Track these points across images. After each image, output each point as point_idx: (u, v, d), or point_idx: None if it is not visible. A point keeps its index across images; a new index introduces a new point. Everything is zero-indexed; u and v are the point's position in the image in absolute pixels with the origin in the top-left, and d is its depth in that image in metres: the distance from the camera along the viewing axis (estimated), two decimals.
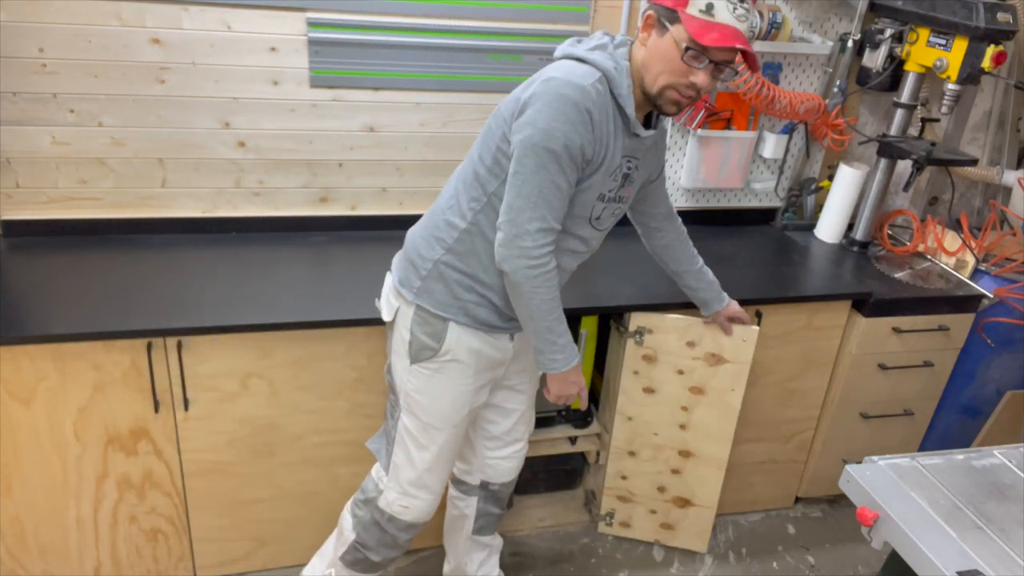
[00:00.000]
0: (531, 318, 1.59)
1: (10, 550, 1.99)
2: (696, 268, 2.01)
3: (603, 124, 1.49)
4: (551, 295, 1.56)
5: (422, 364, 1.69)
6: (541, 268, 1.52)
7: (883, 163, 2.55)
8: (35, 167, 2.12)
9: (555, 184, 1.48)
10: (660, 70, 1.48)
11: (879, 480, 1.53)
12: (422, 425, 1.75)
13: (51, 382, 1.81)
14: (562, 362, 1.64)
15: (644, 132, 1.58)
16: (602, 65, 1.48)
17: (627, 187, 1.67)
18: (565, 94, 1.43)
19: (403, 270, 1.71)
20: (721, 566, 2.46)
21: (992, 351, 2.49)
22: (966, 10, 2.15)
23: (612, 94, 1.50)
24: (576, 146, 1.46)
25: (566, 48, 1.54)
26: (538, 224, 1.50)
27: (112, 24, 2.00)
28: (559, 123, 1.43)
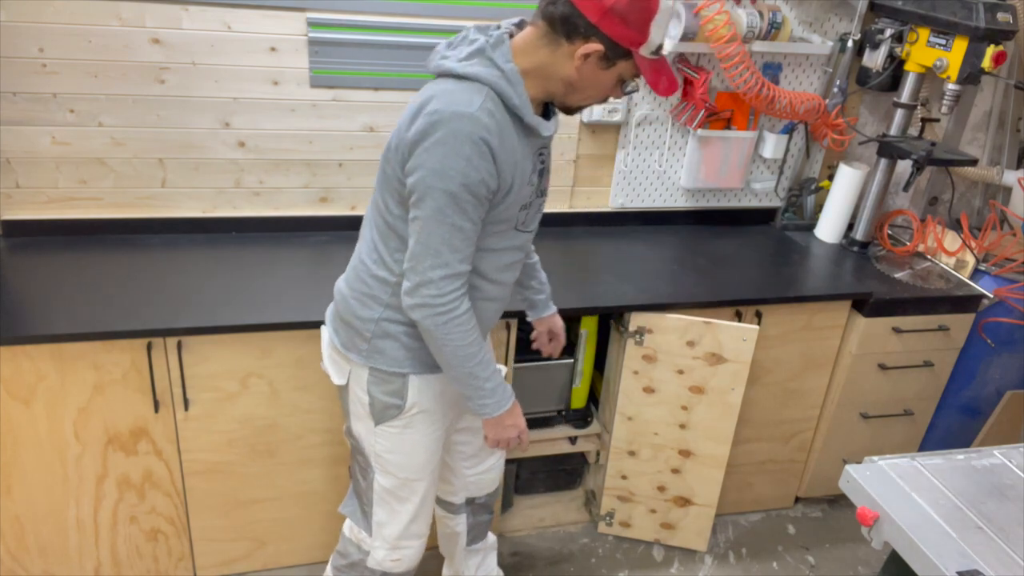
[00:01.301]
0: (449, 365, 1.49)
1: (10, 550, 1.99)
2: (538, 266, 1.91)
3: (504, 145, 1.37)
4: (467, 339, 1.45)
5: (388, 424, 1.61)
6: (450, 315, 1.42)
7: (883, 163, 2.55)
8: (35, 167, 2.12)
9: (456, 227, 1.37)
10: (590, 95, 1.43)
11: (879, 480, 1.53)
12: (400, 482, 1.68)
13: (51, 382, 1.81)
14: (493, 407, 1.55)
15: (548, 129, 1.46)
16: (487, 79, 1.35)
17: (546, 176, 1.59)
18: (454, 128, 1.30)
19: (345, 334, 1.60)
20: (721, 566, 2.46)
21: (992, 351, 2.49)
22: (966, 10, 2.15)
23: (506, 106, 1.37)
24: (476, 182, 1.34)
25: (440, 62, 1.40)
26: (441, 272, 1.39)
27: (112, 24, 2.00)
28: (452, 161, 1.31)
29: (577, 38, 1.34)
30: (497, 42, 1.38)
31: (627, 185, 2.58)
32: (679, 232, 2.64)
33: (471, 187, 1.34)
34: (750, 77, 2.29)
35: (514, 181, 1.42)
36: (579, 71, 1.38)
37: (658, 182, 2.60)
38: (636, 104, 2.45)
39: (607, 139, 2.50)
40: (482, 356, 1.50)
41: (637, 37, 1.34)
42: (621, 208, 2.61)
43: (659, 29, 1.34)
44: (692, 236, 2.62)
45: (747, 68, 2.27)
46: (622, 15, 1.31)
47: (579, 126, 2.44)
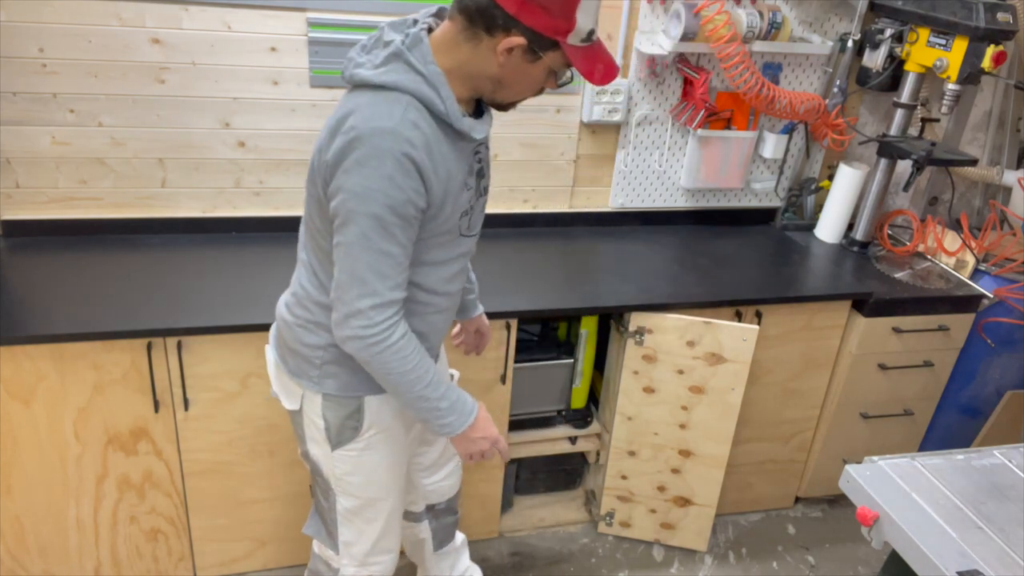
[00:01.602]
0: (397, 393, 1.41)
1: (10, 550, 1.99)
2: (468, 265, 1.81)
3: (432, 158, 1.26)
4: (407, 365, 1.36)
5: (346, 447, 1.54)
6: (383, 344, 1.32)
7: (883, 163, 2.55)
8: (35, 167, 2.12)
9: (383, 252, 1.26)
10: (520, 90, 1.33)
11: (879, 480, 1.53)
12: (364, 502, 1.61)
13: (51, 382, 1.81)
14: (455, 424, 1.46)
15: (481, 131, 1.35)
16: (407, 87, 1.24)
17: (486, 175, 1.50)
18: (375, 145, 1.20)
19: (294, 362, 1.52)
20: (721, 566, 2.46)
21: (992, 351, 2.49)
22: (966, 10, 2.15)
23: (431, 113, 1.27)
24: (401, 203, 1.23)
25: (353, 72, 1.28)
26: (370, 301, 1.29)
27: (112, 24, 2.00)
28: (374, 182, 1.21)
29: (497, 31, 1.23)
30: (414, 42, 1.27)
31: (627, 185, 2.58)
32: (679, 232, 2.64)
33: (396, 209, 1.23)
34: (750, 77, 2.29)
35: (447, 195, 1.33)
36: (504, 67, 1.27)
37: (658, 182, 2.60)
38: (636, 104, 2.45)
39: (607, 139, 2.50)
40: (430, 378, 1.40)
41: (562, 25, 1.22)
42: (621, 208, 2.61)
43: (587, 14, 1.22)
44: (692, 236, 2.62)
45: (747, 68, 2.27)
46: (542, 3, 1.19)
47: (579, 126, 2.45)
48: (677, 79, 2.44)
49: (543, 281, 2.21)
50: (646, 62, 2.37)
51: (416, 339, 1.39)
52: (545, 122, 2.41)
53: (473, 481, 2.31)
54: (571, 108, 2.41)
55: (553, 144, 2.45)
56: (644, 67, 2.38)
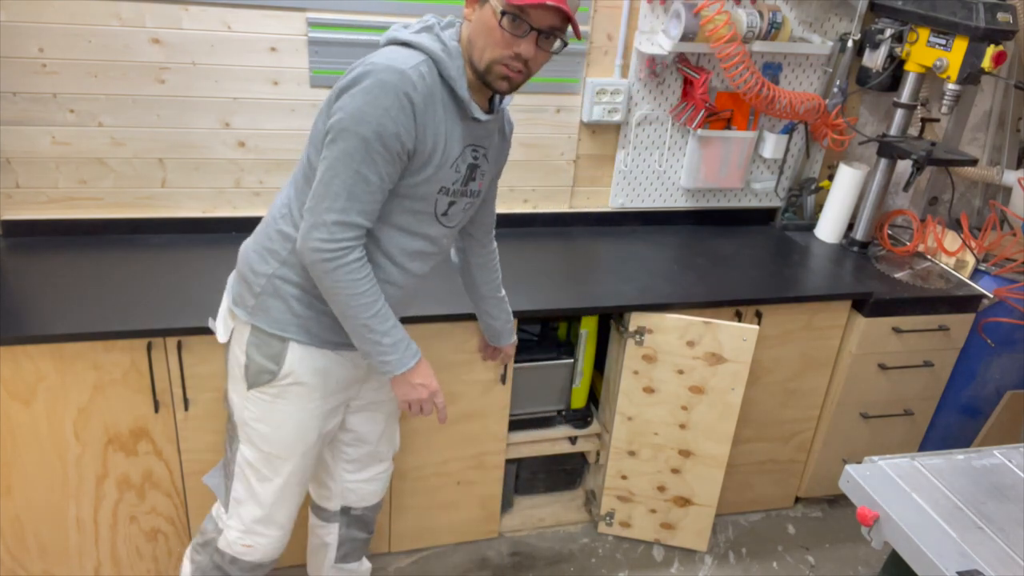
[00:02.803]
0: (344, 316, 1.45)
1: (10, 550, 1.99)
2: (501, 296, 1.89)
3: (430, 110, 1.37)
4: (359, 289, 1.41)
5: (260, 389, 1.55)
6: (337, 261, 1.38)
7: (883, 163, 2.55)
8: (35, 167, 2.12)
9: (361, 176, 1.35)
10: (484, 44, 1.37)
11: (879, 480, 1.53)
12: (264, 456, 1.61)
13: (51, 382, 1.81)
14: (396, 364, 1.49)
15: (483, 115, 1.45)
16: (428, 47, 1.37)
17: (477, 180, 1.55)
18: (382, 79, 1.31)
19: (237, 289, 1.57)
20: (721, 566, 2.46)
21: (992, 351, 2.49)
22: (966, 10, 2.15)
23: (441, 77, 1.39)
24: (390, 134, 1.33)
25: (391, 33, 1.43)
26: (336, 216, 1.36)
27: (112, 24, 2.00)
28: (371, 108, 1.31)
29: None
30: (448, 25, 1.44)
31: (627, 185, 2.58)
32: (679, 232, 2.64)
33: (384, 138, 1.33)
34: (750, 77, 2.29)
35: (435, 151, 1.41)
36: (472, 25, 1.39)
37: (658, 182, 2.60)
38: (636, 104, 2.45)
39: (607, 139, 2.50)
40: (378, 309, 1.44)
41: None
42: (621, 208, 2.61)
43: None
44: (692, 236, 2.62)
45: (747, 68, 2.27)
46: None
47: (579, 126, 2.45)
48: (677, 79, 2.44)
49: (543, 281, 2.21)
50: (646, 62, 2.37)
51: (371, 270, 1.43)
52: (545, 122, 2.41)
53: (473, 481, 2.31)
54: (571, 108, 2.41)
55: (553, 144, 2.45)
56: (644, 67, 2.38)
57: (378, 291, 1.45)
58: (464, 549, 2.42)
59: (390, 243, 1.49)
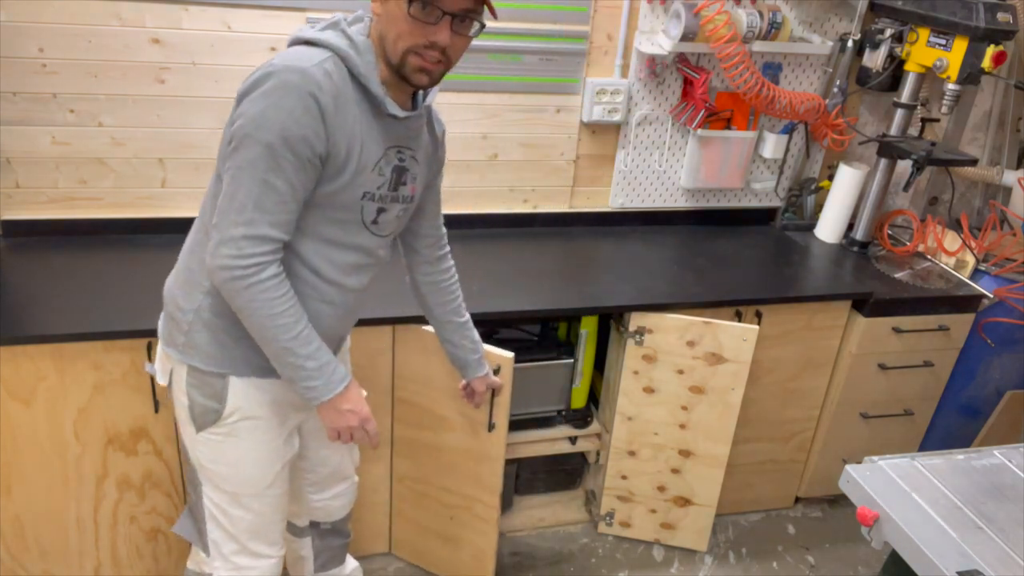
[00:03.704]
0: (261, 339, 1.34)
1: (10, 550, 1.99)
2: (462, 321, 1.75)
3: (341, 110, 1.28)
4: (276, 309, 1.30)
5: (209, 430, 1.46)
6: (249, 279, 1.27)
7: (883, 163, 2.55)
8: (35, 167, 2.12)
9: (268, 184, 1.24)
10: (396, 35, 1.27)
11: (879, 480, 1.53)
12: (229, 496, 1.52)
13: (51, 382, 1.81)
14: (321, 389, 1.38)
15: (401, 111, 1.36)
16: (333, 43, 1.29)
17: (408, 184, 1.45)
18: (283, 79, 1.22)
19: (166, 327, 1.47)
20: (721, 566, 2.46)
21: (992, 351, 2.49)
22: (966, 10, 2.15)
23: (351, 74, 1.30)
24: (297, 137, 1.23)
25: (295, 32, 1.34)
26: (244, 230, 1.25)
27: (112, 24, 2.00)
28: (274, 111, 1.22)
29: None
30: (356, 19, 1.36)
31: (627, 185, 2.58)
32: (679, 232, 2.64)
33: (291, 142, 1.23)
34: (750, 77, 2.29)
35: (351, 155, 1.32)
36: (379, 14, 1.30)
37: (658, 182, 2.60)
38: (636, 104, 2.45)
39: (607, 139, 2.50)
40: (300, 331, 1.33)
41: None
42: (621, 208, 2.61)
43: None
44: (692, 236, 2.62)
45: (747, 68, 2.27)
46: None
47: (579, 126, 2.45)
48: (677, 79, 2.44)
49: (543, 281, 2.21)
50: (646, 62, 2.37)
51: (291, 288, 1.33)
52: (545, 122, 2.41)
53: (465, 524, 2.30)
54: (571, 108, 2.41)
55: (553, 144, 2.45)
56: (644, 67, 2.38)
57: (299, 311, 1.34)
58: None
59: (317, 258, 1.39)
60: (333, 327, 1.48)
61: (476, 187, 2.45)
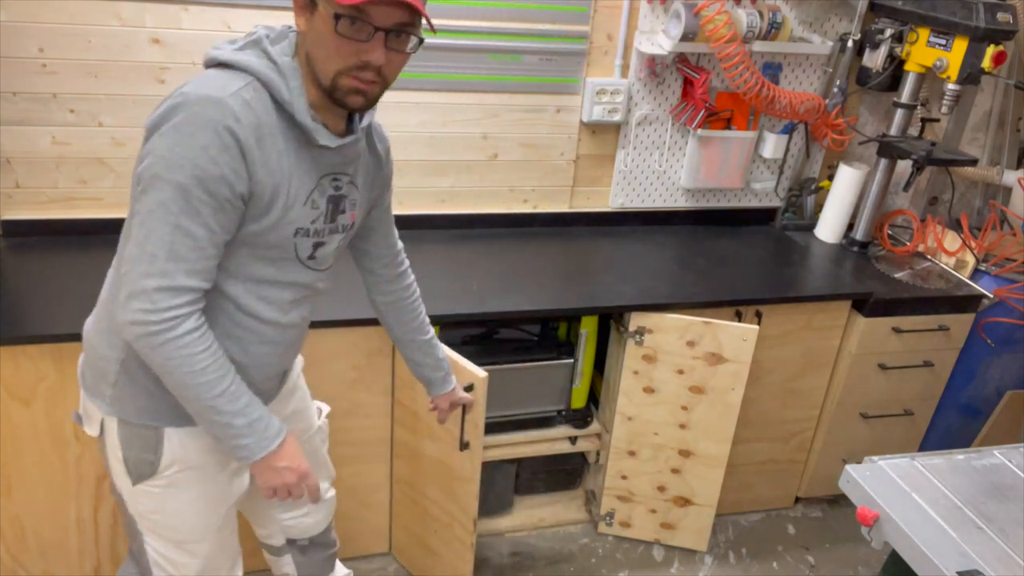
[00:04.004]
0: (182, 397, 1.22)
1: (10, 550, 1.99)
2: (425, 339, 1.66)
3: (263, 144, 1.16)
4: (197, 366, 1.18)
5: (147, 483, 1.36)
6: (165, 335, 1.15)
7: (883, 163, 2.55)
8: (35, 167, 2.11)
9: (182, 230, 1.12)
10: (325, 56, 1.15)
11: (879, 480, 1.53)
12: (173, 544, 1.44)
13: (51, 382, 1.81)
14: (254, 447, 1.26)
15: (334, 141, 1.24)
16: (253, 67, 1.16)
17: (347, 212, 1.34)
18: (195, 112, 1.10)
19: (91, 377, 1.37)
20: (721, 566, 2.46)
21: (992, 351, 2.49)
22: (966, 10, 2.15)
23: (275, 101, 1.18)
24: (213, 177, 1.11)
25: (211, 51, 1.21)
26: (157, 282, 1.13)
27: (112, 24, 2.00)
28: (186, 148, 1.09)
29: None
30: (279, 37, 1.23)
31: (627, 185, 2.58)
32: (679, 232, 2.64)
33: (207, 183, 1.11)
34: (750, 77, 2.29)
35: (278, 192, 1.20)
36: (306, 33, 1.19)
37: (658, 182, 2.60)
38: (636, 104, 2.45)
39: (607, 139, 2.50)
40: (226, 387, 1.22)
41: None
42: (621, 208, 2.61)
43: None
44: (692, 236, 2.62)
45: (747, 68, 2.27)
46: None
47: (579, 126, 2.44)
48: (677, 79, 2.44)
49: (543, 281, 2.21)
50: (646, 62, 2.37)
51: (214, 341, 1.21)
52: (545, 122, 2.41)
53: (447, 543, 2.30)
54: (571, 108, 2.41)
55: (553, 144, 2.45)
56: (644, 67, 2.38)
57: (225, 365, 1.22)
58: None
59: (251, 299, 1.28)
60: (275, 365, 1.40)
61: (476, 187, 2.45)
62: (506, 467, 2.43)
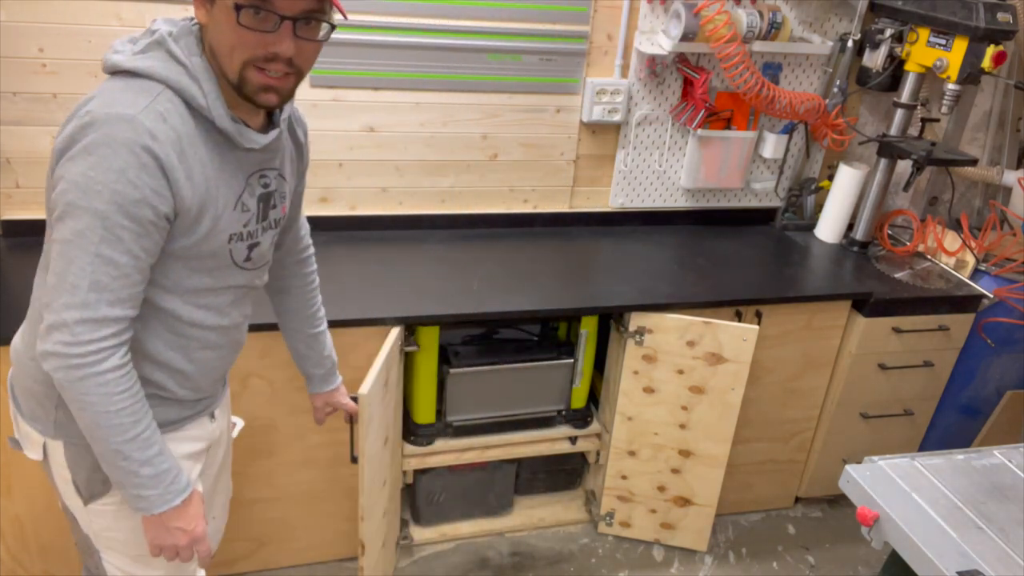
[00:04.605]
0: (91, 436, 1.15)
1: (10, 550, 1.99)
2: (313, 332, 1.60)
3: (184, 157, 1.10)
4: (113, 406, 1.12)
5: (100, 501, 1.30)
6: (86, 369, 1.09)
7: (883, 163, 2.55)
8: (35, 167, 2.11)
9: (104, 259, 1.06)
10: (229, 49, 1.08)
11: (879, 480, 1.53)
12: (132, 558, 1.38)
13: None
14: (155, 501, 1.19)
15: (262, 139, 1.19)
16: (161, 75, 1.08)
17: (278, 206, 1.30)
18: (107, 133, 1.03)
19: (26, 402, 1.30)
20: (721, 566, 2.46)
21: (992, 351, 2.49)
22: (966, 10, 2.15)
23: (191, 107, 1.11)
24: (134, 202, 1.05)
25: (111, 56, 1.12)
26: (78, 314, 1.07)
27: (112, 24, 1.99)
28: (101, 173, 1.03)
29: None
30: (182, 33, 1.12)
31: (627, 185, 2.58)
32: (679, 232, 2.64)
33: (127, 208, 1.05)
34: (750, 77, 2.29)
35: (206, 203, 1.14)
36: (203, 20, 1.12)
37: (658, 182, 2.60)
38: (636, 104, 2.45)
39: (607, 139, 2.50)
40: (139, 432, 1.15)
41: None
42: (621, 208, 2.61)
43: None
44: (692, 236, 2.62)
45: (747, 68, 2.27)
46: None
47: (579, 126, 2.44)
48: (677, 79, 2.44)
49: (543, 281, 2.21)
50: (646, 62, 2.37)
51: (136, 382, 1.16)
52: (545, 122, 2.41)
53: None
54: (571, 108, 2.41)
55: (553, 144, 2.45)
56: (644, 67, 2.38)
57: (142, 410, 1.16)
58: (464, 549, 2.42)
59: (191, 310, 1.24)
60: (220, 367, 1.37)
61: (476, 187, 2.45)
62: (506, 467, 2.43)
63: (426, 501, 2.40)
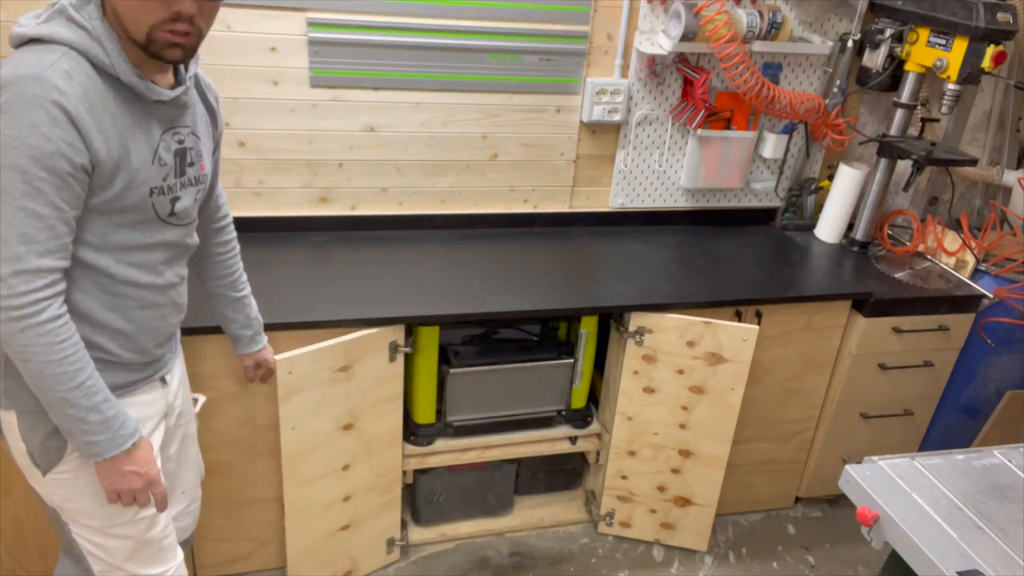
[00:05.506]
0: (36, 387, 1.21)
1: (10, 550, 1.99)
2: (236, 296, 1.66)
3: (94, 111, 1.16)
4: (55, 355, 1.17)
5: (56, 470, 1.33)
6: (26, 320, 1.15)
7: (883, 163, 2.55)
8: None
9: (29, 212, 1.12)
10: (135, 12, 1.15)
11: (879, 480, 1.53)
12: (98, 529, 1.40)
13: None
14: (105, 445, 1.25)
15: (169, 93, 1.25)
16: (64, 38, 1.15)
17: (196, 164, 1.36)
18: (17, 92, 1.10)
19: None
20: (721, 566, 2.46)
21: (992, 351, 2.49)
22: (966, 10, 2.15)
23: (96, 67, 1.17)
24: (50, 154, 1.11)
25: (17, 29, 1.18)
26: (10, 267, 1.13)
27: None
28: (15, 130, 1.10)
29: None
30: (83, 1, 1.18)
31: (627, 185, 2.58)
32: (679, 232, 2.64)
33: (44, 161, 1.11)
34: (750, 77, 2.29)
35: (123, 156, 1.21)
36: None
37: (658, 182, 2.60)
38: (636, 104, 2.45)
39: (607, 139, 2.50)
40: (83, 380, 1.21)
41: None
42: (621, 208, 2.61)
43: None
44: (692, 236, 2.62)
45: (747, 68, 2.27)
46: None
47: (579, 126, 2.45)
48: (677, 79, 2.44)
49: (543, 281, 2.21)
50: (646, 62, 2.37)
51: (75, 332, 1.21)
52: (545, 122, 2.41)
53: None
54: (571, 108, 2.41)
55: (553, 144, 2.45)
56: (644, 67, 2.38)
57: (84, 358, 1.22)
58: (464, 549, 2.42)
59: (123, 267, 1.29)
60: (162, 327, 1.40)
61: (476, 187, 2.46)
62: (506, 467, 2.43)
63: (426, 501, 2.40)
